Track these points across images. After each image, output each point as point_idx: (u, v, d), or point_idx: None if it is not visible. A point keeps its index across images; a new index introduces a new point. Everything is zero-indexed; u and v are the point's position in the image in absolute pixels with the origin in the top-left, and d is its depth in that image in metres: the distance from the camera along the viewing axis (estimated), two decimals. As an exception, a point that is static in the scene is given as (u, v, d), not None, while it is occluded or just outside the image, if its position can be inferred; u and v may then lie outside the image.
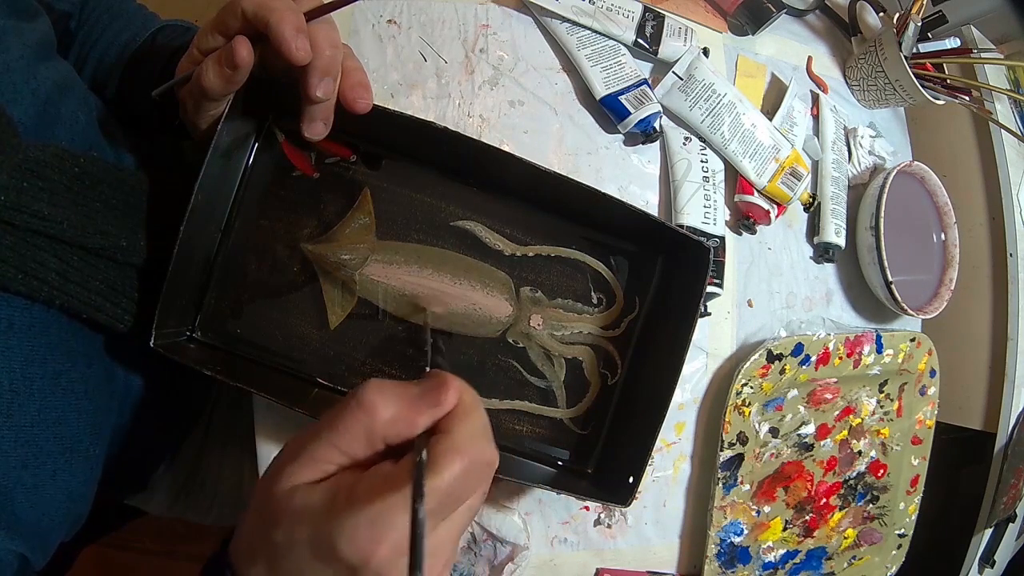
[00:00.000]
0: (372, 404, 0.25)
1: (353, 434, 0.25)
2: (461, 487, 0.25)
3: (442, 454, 0.24)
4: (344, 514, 0.23)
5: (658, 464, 0.55)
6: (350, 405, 0.25)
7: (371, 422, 0.25)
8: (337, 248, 0.44)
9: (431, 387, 0.26)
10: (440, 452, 0.24)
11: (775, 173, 0.58)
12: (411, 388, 0.26)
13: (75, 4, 0.47)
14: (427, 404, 0.26)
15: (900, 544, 0.65)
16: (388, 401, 0.25)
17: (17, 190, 0.31)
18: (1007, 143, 0.74)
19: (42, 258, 0.32)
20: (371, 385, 0.25)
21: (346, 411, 0.25)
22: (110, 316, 0.36)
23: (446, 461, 0.24)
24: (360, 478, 0.24)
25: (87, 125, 0.39)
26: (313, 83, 0.34)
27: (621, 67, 0.55)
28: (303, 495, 0.24)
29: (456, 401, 0.26)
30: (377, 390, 0.25)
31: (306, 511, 0.24)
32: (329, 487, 0.24)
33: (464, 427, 0.26)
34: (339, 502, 0.23)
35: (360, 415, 0.25)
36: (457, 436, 0.25)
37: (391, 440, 0.25)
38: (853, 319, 0.65)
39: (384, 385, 0.26)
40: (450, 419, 0.26)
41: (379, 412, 0.25)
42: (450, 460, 0.24)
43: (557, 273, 0.47)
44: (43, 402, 0.34)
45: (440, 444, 0.25)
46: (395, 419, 0.25)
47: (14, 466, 0.33)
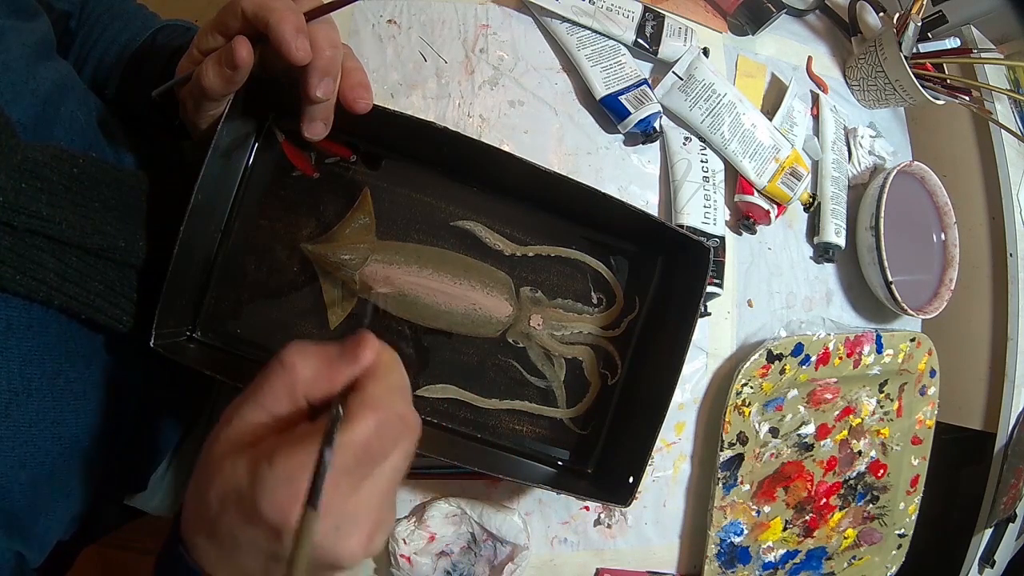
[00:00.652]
0: (292, 363, 0.26)
1: (276, 393, 0.26)
2: (376, 443, 0.25)
3: (355, 408, 0.25)
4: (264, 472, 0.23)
5: (658, 464, 0.55)
6: (273, 364, 0.26)
7: (292, 380, 0.26)
8: (337, 248, 0.44)
9: (349, 345, 0.27)
10: (354, 407, 0.25)
11: (775, 173, 0.58)
12: (331, 347, 0.27)
13: (75, 4, 0.46)
14: (345, 362, 0.27)
15: (900, 544, 0.65)
16: (308, 359, 0.26)
17: (16, 191, 0.31)
18: (1007, 143, 0.74)
19: (40, 258, 0.32)
20: (292, 345, 0.27)
21: (269, 371, 0.26)
22: (109, 316, 0.36)
23: (359, 415, 0.25)
24: (280, 438, 0.25)
25: (86, 125, 0.39)
26: (313, 83, 0.34)
27: (621, 67, 0.55)
28: (231, 460, 0.25)
29: (373, 358, 0.27)
30: (298, 350, 0.26)
31: (232, 475, 0.24)
32: (252, 450, 0.25)
33: (379, 384, 0.26)
34: (260, 463, 0.24)
35: (282, 374, 0.26)
36: (371, 391, 0.26)
37: (312, 398, 0.26)
38: (853, 319, 0.65)
39: (305, 345, 0.27)
40: (366, 376, 0.27)
41: (299, 370, 0.26)
42: (363, 414, 0.25)
43: (557, 273, 0.47)
44: (41, 402, 0.34)
45: (354, 400, 0.25)
46: (315, 376, 0.26)
47: (12, 466, 0.33)
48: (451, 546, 0.49)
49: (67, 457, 0.36)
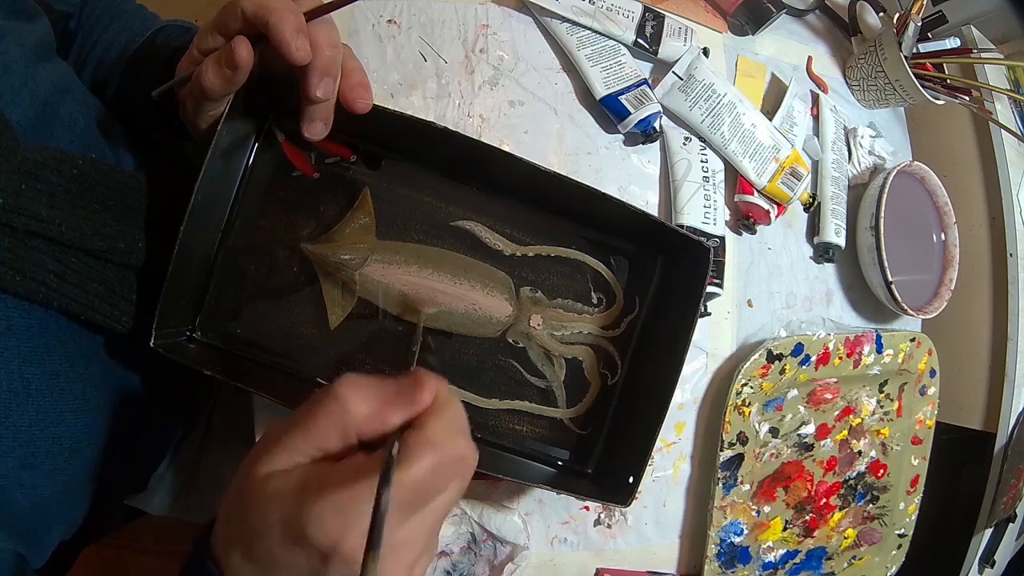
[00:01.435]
0: (347, 400, 0.25)
1: (327, 429, 0.25)
2: (432, 480, 0.25)
3: (414, 447, 0.25)
4: (314, 500, 0.23)
5: (658, 464, 0.55)
6: (326, 399, 0.25)
7: (345, 418, 0.25)
8: (337, 248, 0.44)
9: (407, 386, 0.26)
10: (412, 445, 0.25)
11: (775, 173, 0.58)
12: (387, 385, 0.26)
13: (75, 4, 0.46)
14: (402, 402, 0.26)
15: (900, 544, 0.65)
16: (363, 398, 0.26)
17: (15, 192, 0.31)
18: (1007, 143, 0.74)
19: (40, 260, 0.32)
20: (347, 381, 0.26)
21: (321, 405, 0.25)
22: (108, 318, 0.36)
23: (418, 454, 0.24)
24: (332, 467, 0.25)
25: (86, 127, 0.39)
26: (313, 83, 0.34)
27: (621, 67, 0.55)
28: (277, 481, 0.25)
29: (431, 400, 0.26)
30: (353, 386, 0.26)
31: (279, 496, 0.24)
32: (302, 474, 0.25)
33: (438, 422, 0.26)
34: (310, 489, 0.24)
35: (335, 410, 0.25)
36: (430, 430, 0.25)
37: (364, 436, 0.26)
38: (853, 319, 0.65)
39: (360, 381, 0.26)
40: (425, 414, 0.26)
41: (353, 408, 0.25)
42: (421, 453, 0.24)
43: (557, 273, 0.47)
44: (41, 402, 0.34)
45: (412, 437, 0.25)
46: (369, 416, 0.25)
47: (12, 466, 0.33)
48: (451, 546, 0.49)
49: (67, 457, 0.36)
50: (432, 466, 0.24)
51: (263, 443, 0.26)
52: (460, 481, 0.27)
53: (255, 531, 0.25)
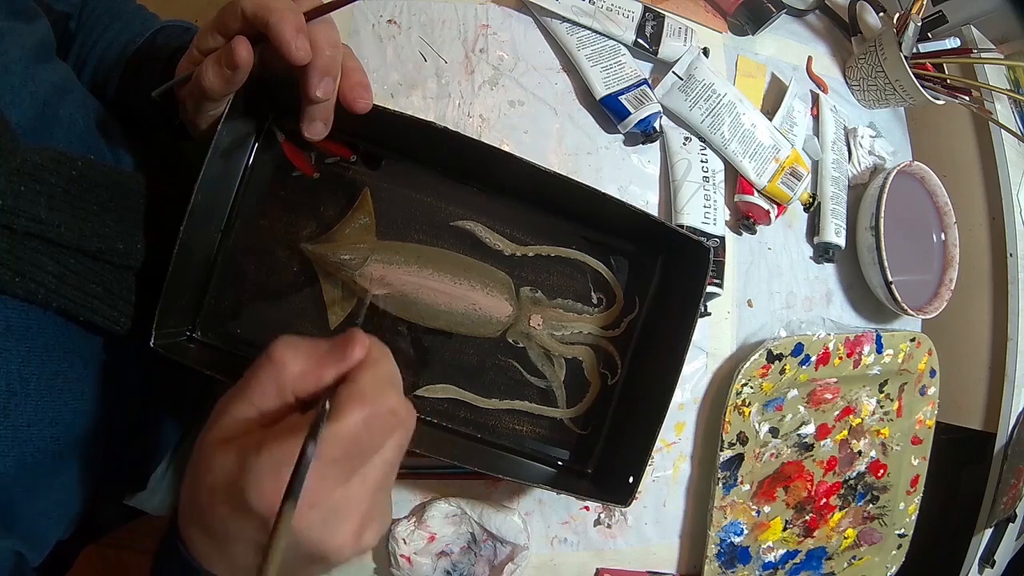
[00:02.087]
0: (281, 359, 0.26)
1: (264, 388, 0.26)
2: (365, 435, 0.25)
3: (344, 401, 0.25)
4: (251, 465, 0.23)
5: (658, 464, 0.55)
6: (261, 361, 0.26)
7: (280, 376, 0.26)
8: (337, 248, 0.44)
9: (339, 342, 0.27)
10: (342, 399, 0.25)
11: (775, 173, 0.58)
12: (320, 344, 0.27)
13: (75, 5, 0.46)
14: (334, 358, 0.26)
15: (900, 544, 0.65)
16: (297, 355, 0.26)
17: (15, 194, 0.31)
18: (1007, 143, 0.74)
19: (39, 261, 0.32)
20: (281, 341, 0.26)
21: (258, 367, 0.26)
22: (107, 319, 0.36)
23: (347, 407, 0.25)
24: (269, 430, 0.25)
25: (85, 127, 0.39)
26: (313, 83, 0.34)
27: (621, 67, 0.55)
28: (220, 453, 0.25)
29: (363, 355, 0.27)
30: (287, 345, 0.26)
31: (222, 468, 0.24)
32: (241, 443, 0.25)
33: (367, 375, 0.26)
34: (248, 455, 0.24)
35: (270, 369, 0.26)
36: (360, 383, 0.26)
37: (300, 393, 0.26)
38: (853, 319, 0.65)
39: (294, 340, 0.27)
40: (356, 369, 0.26)
41: (288, 366, 0.26)
42: (351, 406, 0.25)
43: (557, 273, 0.47)
44: (40, 402, 0.34)
45: (343, 391, 0.25)
46: (303, 372, 0.26)
47: (11, 465, 0.33)
48: (451, 546, 0.49)
49: (66, 457, 0.36)
50: (363, 419, 0.25)
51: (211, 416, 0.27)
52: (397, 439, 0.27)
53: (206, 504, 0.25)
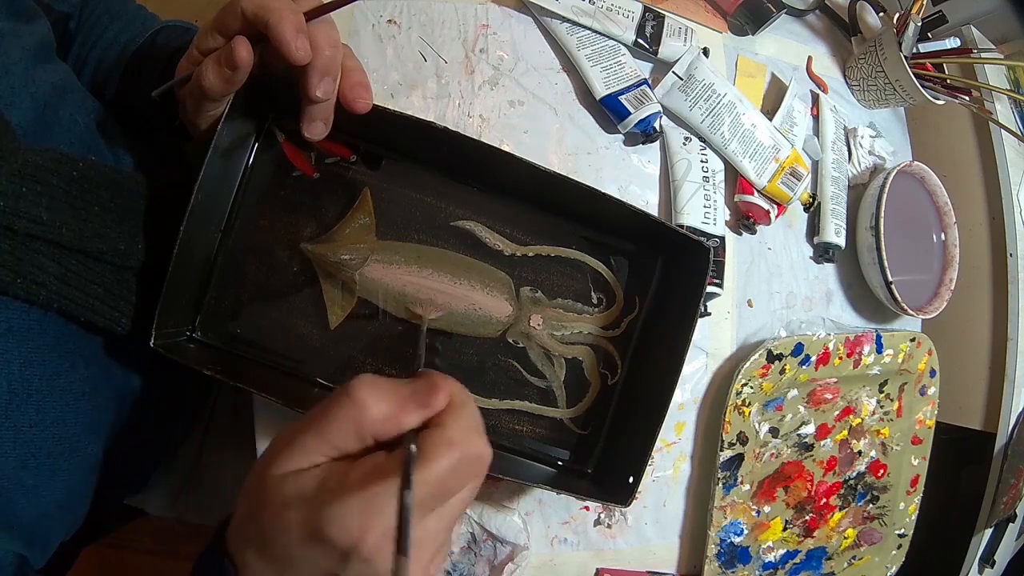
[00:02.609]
0: (363, 402, 0.25)
1: (343, 429, 0.25)
2: (452, 479, 0.25)
3: (433, 446, 0.25)
4: (335, 500, 0.24)
5: (658, 464, 0.55)
6: (343, 401, 0.26)
7: (361, 419, 0.25)
8: (337, 248, 0.44)
9: (422, 388, 0.27)
10: (432, 444, 0.25)
11: (775, 173, 0.58)
12: (402, 388, 0.27)
13: (74, 5, 0.46)
14: (417, 404, 0.26)
15: (900, 544, 0.65)
16: (379, 399, 0.26)
17: (16, 195, 0.31)
18: (1007, 143, 0.74)
19: (40, 262, 0.32)
20: (363, 382, 0.26)
21: (337, 406, 0.26)
22: (108, 319, 0.36)
23: (437, 453, 0.25)
24: (351, 466, 0.25)
25: (86, 128, 0.39)
26: (313, 83, 0.34)
27: (621, 67, 0.55)
28: (294, 481, 0.25)
29: (446, 403, 0.27)
30: (369, 388, 0.26)
31: (297, 497, 0.25)
32: (320, 474, 0.25)
33: (457, 421, 0.26)
34: (330, 489, 0.24)
35: (351, 411, 0.25)
36: (449, 430, 0.26)
37: (380, 437, 0.26)
38: (853, 319, 0.65)
39: (376, 382, 0.26)
40: (443, 413, 0.27)
41: (370, 410, 0.25)
42: (441, 453, 0.25)
43: (557, 273, 0.47)
44: (41, 403, 0.34)
45: (432, 437, 0.25)
46: (385, 418, 0.26)
47: (13, 467, 0.33)
48: (451, 546, 0.49)
49: (68, 458, 0.36)
50: (452, 465, 0.25)
51: (277, 444, 0.27)
52: (475, 480, 0.27)
53: (271, 530, 0.25)
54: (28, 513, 0.34)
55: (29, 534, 0.34)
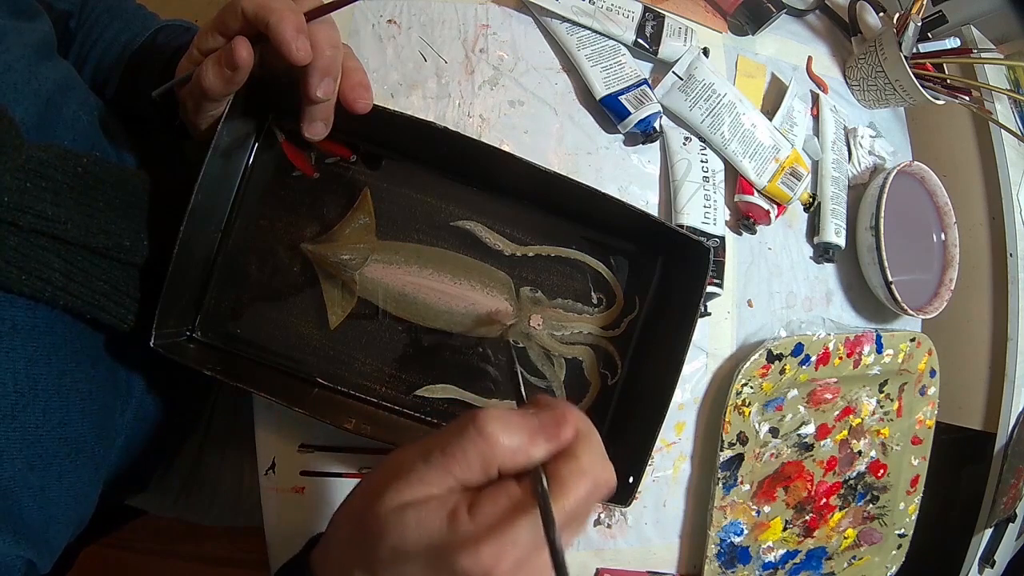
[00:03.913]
0: (493, 435, 0.25)
1: (471, 463, 0.25)
2: (584, 508, 0.26)
3: (570, 477, 0.25)
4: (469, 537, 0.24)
5: (658, 464, 0.55)
6: (468, 433, 0.25)
7: (490, 452, 0.25)
8: (337, 248, 0.44)
9: (549, 421, 0.27)
10: (568, 475, 0.25)
11: (775, 173, 0.58)
12: (530, 420, 0.27)
13: (75, 4, 0.46)
14: (546, 436, 0.26)
15: (900, 544, 0.65)
16: (509, 432, 0.26)
17: (21, 191, 0.31)
18: (1007, 143, 0.74)
19: (46, 259, 0.32)
20: (492, 416, 0.26)
21: (464, 439, 0.25)
22: (113, 316, 0.36)
23: (574, 484, 0.25)
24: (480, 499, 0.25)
25: (88, 125, 0.39)
26: (313, 83, 0.34)
27: (621, 67, 0.55)
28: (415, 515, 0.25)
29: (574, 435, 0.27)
30: (498, 422, 0.26)
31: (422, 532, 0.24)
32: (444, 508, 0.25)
33: (588, 452, 0.26)
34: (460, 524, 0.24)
35: (480, 444, 0.25)
36: (583, 460, 0.26)
37: (507, 469, 0.26)
38: (853, 319, 0.65)
39: (504, 416, 0.26)
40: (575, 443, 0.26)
41: (500, 443, 0.25)
42: (577, 483, 0.25)
43: (557, 273, 0.47)
44: (48, 403, 0.34)
45: (567, 468, 0.25)
46: (515, 451, 0.26)
47: (20, 468, 0.32)
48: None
49: (74, 459, 0.36)
50: (586, 494, 0.25)
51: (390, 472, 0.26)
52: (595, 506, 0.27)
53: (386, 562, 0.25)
54: (35, 516, 0.34)
55: (38, 539, 0.34)
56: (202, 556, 0.96)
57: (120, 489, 0.57)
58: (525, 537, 0.23)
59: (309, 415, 0.40)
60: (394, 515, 0.25)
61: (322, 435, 0.47)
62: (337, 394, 0.44)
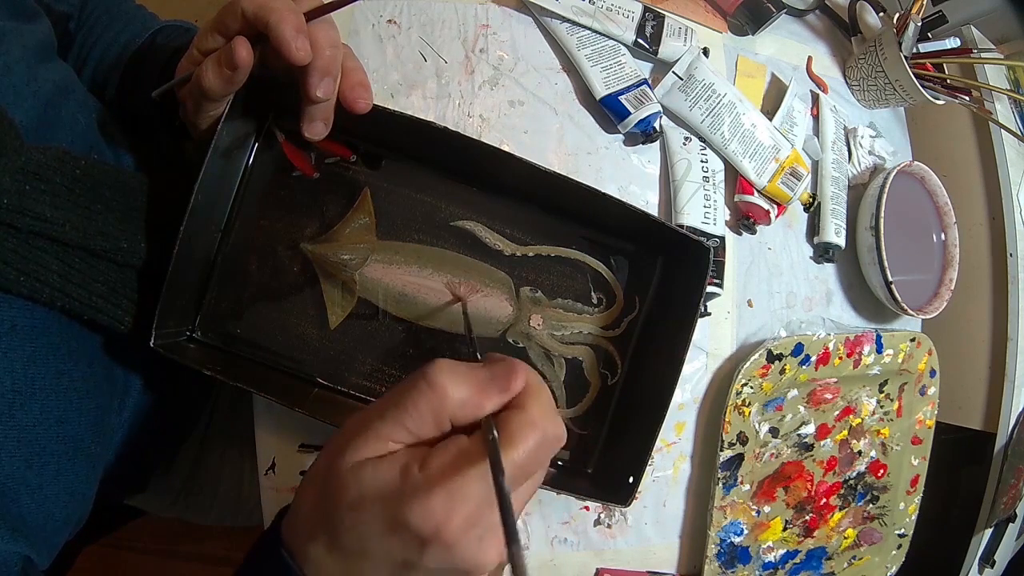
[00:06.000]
0: (443, 387, 0.25)
1: (422, 416, 0.25)
2: (534, 460, 0.26)
3: (518, 429, 0.25)
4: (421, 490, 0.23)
5: (658, 464, 0.55)
6: (419, 386, 0.25)
7: (440, 404, 0.25)
8: (337, 248, 0.44)
9: (500, 372, 0.27)
10: (516, 427, 0.25)
11: (775, 173, 0.58)
12: (480, 372, 0.27)
13: (74, 5, 0.47)
14: (497, 389, 0.26)
15: (900, 544, 0.65)
16: (459, 384, 0.26)
17: (19, 193, 0.31)
18: (1007, 143, 0.74)
19: (44, 260, 0.32)
20: (441, 367, 0.26)
21: (415, 392, 0.25)
22: (111, 317, 0.36)
23: (522, 435, 0.25)
24: (431, 453, 0.25)
25: (87, 127, 0.39)
26: (313, 83, 0.34)
27: (621, 67, 0.55)
28: (371, 472, 0.25)
29: (524, 386, 0.27)
30: (448, 373, 0.26)
31: (376, 488, 0.24)
32: (397, 462, 0.25)
33: (537, 403, 0.27)
34: (411, 476, 0.24)
35: (430, 396, 0.25)
36: (532, 412, 0.26)
37: (459, 421, 0.26)
38: (853, 319, 0.65)
39: (454, 367, 0.26)
40: (523, 396, 0.27)
41: (449, 394, 0.25)
42: (526, 434, 0.25)
43: (557, 273, 0.47)
44: (45, 402, 0.34)
45: (516, 419, 0.26)
46: (464, 402, 0.26)
47: (18, 466, 0.33)
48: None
49: (72, 457, 0.36)
50: (536, 446, 0.25)
51: (347, 433, 0.26)
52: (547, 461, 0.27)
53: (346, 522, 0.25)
54: (33, 514, 0.34)
55: (36, 536, 0.34)
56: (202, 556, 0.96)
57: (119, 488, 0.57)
58: (475, 490, 0.23)
59: (309, 415, 0.40)
60: (351, 472, 0.25)
61: (322, 435, 0.47)
62: (337, 394, 0.44)
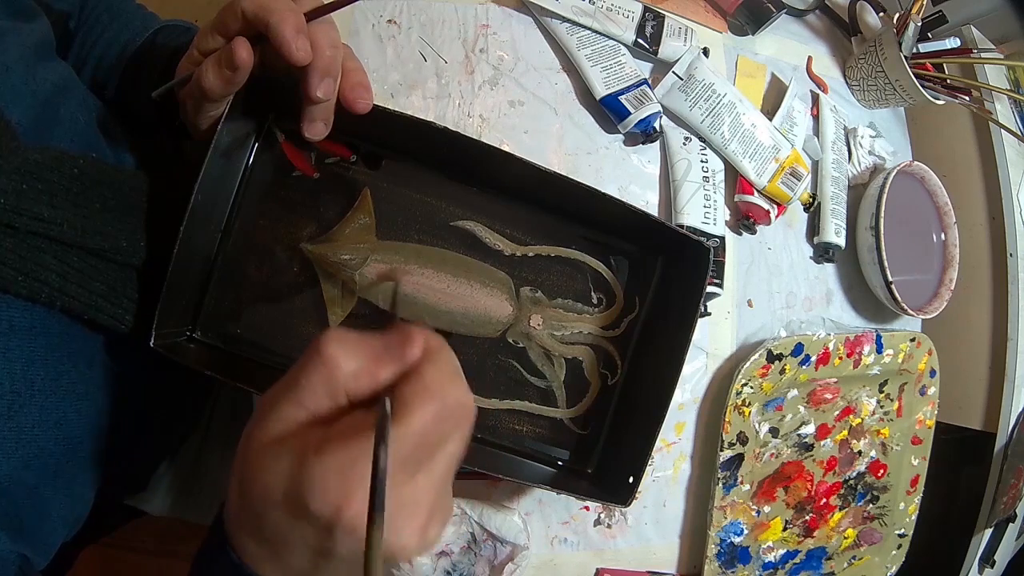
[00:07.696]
0: (333, 357, 0.24)
1: (315, 390, 0.24)
2: (434, 431, 0.24)
3: (411, 397, 0.23)
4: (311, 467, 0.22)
5: (658, 464, 0.55)
6: (312, 359, 0.24)
7: (333, 377, 0.24)
8: (337, 248, 0.44)
9: (395, 340, 0.25)
10: (409, 395, 0.23)
11: (775, 173, 0.58)
12: (373, 340, 0.25)
13: (74, 4, 0.46)
14: (391, 357, 0.25)
15: (900, 544, 0.65)
16: (349, 354, 0.24)
17: (17, 193, 0.31)
18: (1007, 143, 0.74)
19: (43, 260, 0.32)
20: (331, 337, 0.24)
21: (309, 366, 0.24)
22: (110, 317, 0.36)
23: (415, 403, 0.23)
24: (327, 430, 0.23)
25: (86, 126, 0.39)
26: (313, 83, 0.34)
27: (621, 67, 0.55)
28: (272, 455, 0.23)
29: (420, 354, 0.25)
30: (338, 343, 0.24)
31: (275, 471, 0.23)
32: (296, 444, 0.23)
33: (432, 370, 0.24)
34: (306, 455, 0.22)
35: (322, 370, 0.24)
36: (427, 378, 0.24)
37: (355, 394, 0.24)
38: (853, 319, 0.65)
39: (345, 337, 0.24)
40: (421, 363, 0.25)
41: (341, 366, 0.24)
42: (420, 403, 0.23)
43: (557, 273, 0.47)
44: (44, 403, 0.34)
45: (409, 387, 0.24)
46: (358, 373, 0.24)
47: (16, 467, 0.33)
48: (451, 546, 0.49)
49: (70, 458, 0.36)
50: (433, 415, 0.23)
51: (255, 415, 0.25)
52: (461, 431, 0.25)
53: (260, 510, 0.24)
54: (31, 514, 0.34)
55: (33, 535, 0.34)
56: (202, 556, 0.95)
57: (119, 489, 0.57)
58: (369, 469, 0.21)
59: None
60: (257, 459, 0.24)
61: (322, 435, 0.47)
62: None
